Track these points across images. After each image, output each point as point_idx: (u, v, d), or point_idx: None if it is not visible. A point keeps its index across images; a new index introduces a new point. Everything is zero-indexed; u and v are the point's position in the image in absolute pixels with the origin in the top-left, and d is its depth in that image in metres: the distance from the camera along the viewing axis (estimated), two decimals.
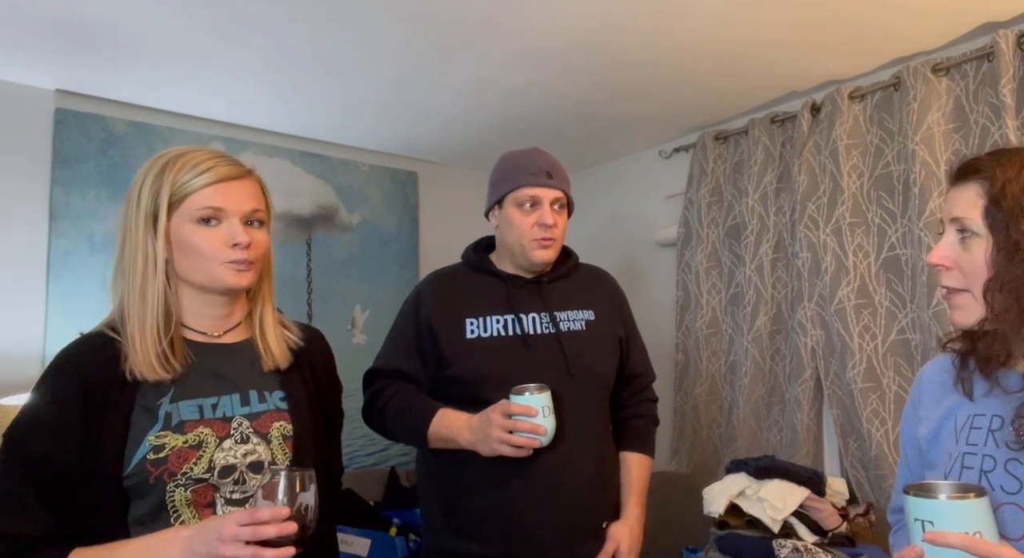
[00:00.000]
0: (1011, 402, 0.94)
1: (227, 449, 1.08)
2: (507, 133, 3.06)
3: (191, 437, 1.06)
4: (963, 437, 0.97)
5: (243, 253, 1.10)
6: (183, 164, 1.09)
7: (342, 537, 2.45)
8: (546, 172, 1.59)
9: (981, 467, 0.92)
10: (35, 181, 2.48)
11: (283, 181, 3.03)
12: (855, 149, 2.47)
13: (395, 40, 2.21)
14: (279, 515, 0.93)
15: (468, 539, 1.52)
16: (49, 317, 2.44)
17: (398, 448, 3.13)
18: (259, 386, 1.15)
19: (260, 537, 0.92)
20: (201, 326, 1.15)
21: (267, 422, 1.13)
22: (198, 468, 1.05)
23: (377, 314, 3.23)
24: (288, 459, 1.12)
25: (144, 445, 1.03)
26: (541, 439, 1.39)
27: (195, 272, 1.10)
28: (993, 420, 0.95)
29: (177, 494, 1.04)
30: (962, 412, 1.00)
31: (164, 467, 1.03)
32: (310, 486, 0.98)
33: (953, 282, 0.97)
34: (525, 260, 1.61)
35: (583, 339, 1.60)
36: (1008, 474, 0.90)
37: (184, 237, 1.08)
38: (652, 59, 2.37)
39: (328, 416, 1.29)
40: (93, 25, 2.06)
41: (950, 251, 0.97)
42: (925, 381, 1.11)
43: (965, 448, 0.96)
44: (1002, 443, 0.92)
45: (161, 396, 1.07)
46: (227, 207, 1.09)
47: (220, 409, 1.10)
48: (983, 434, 0.95)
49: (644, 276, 3.35)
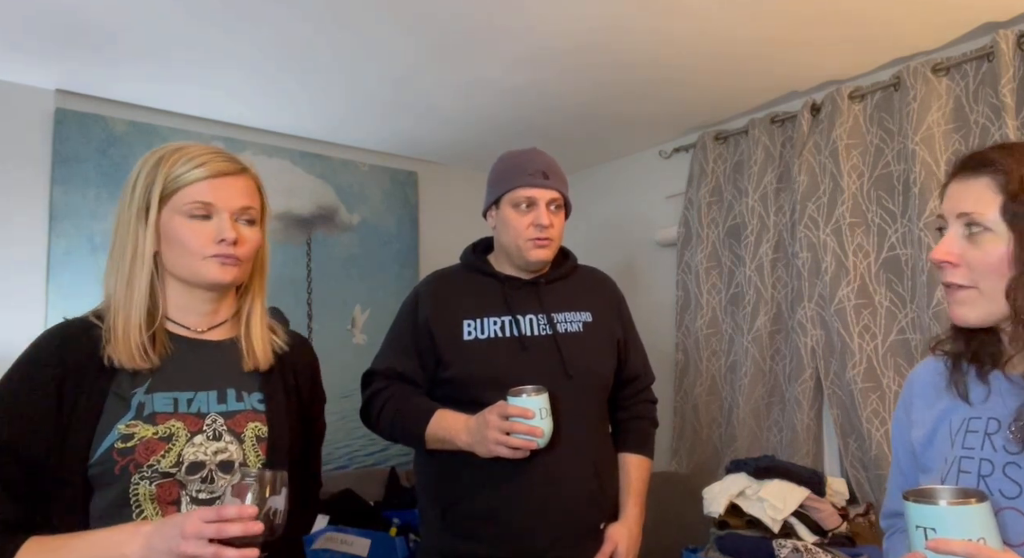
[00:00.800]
0: (1007, 404, 0.92)
1: (198, 445, 1.06)
2: (507, 133, 3.06)
3: (161, 429, 1.04)
4: (959, 441, 0.95)
5: (229, 248, 1.09)
6: (179, 157, 1.09)
7: (342, 537, 2.45)
8: (542, 173, 1.59)
9: (979, 471, 0.90)
10: (35, 181, 2.48)
11: (283, 181, 3.02)
12: (855, 149, 2.47)
13: (395, 40, 2.21)
14: (246, 514, 0.90)
15: (465, 540, 1.52)
16: (49, 317, 2.44)
17: (398, 448, 3.13)
18: (238, 385, 1.14)
19: (224, 535, 0.89)
20: (186, 321, 1.14)
21: (242, 422, 1.11)
22: (165, 461, 1.02)
23: (377, 314, 3.23)
24: (260, 461, 1.10)
25: (113, 433, 1.01)
26: (538, 441, 1.39)
27: (180, 265, 1.10)
28: (989, 423, 0.93)
29: (141, 487, 1.01)
30: (957, 415, 0.97)
31: (131, 457, 1.01)
32: (281, 489, 0.96)
33: (959, 278, 0.93)
34: (522, 260, 1.61)
35: (580, 341, 1.60)
36: (1007, 478, 0.88)
37: (173, 230, 1.08)
38: (652, 59, 2.37)
39: (309, 427, 1.26)
40: (93, 25, 2.06)
41: (956, 247, 0.93)
42: (916, 383, 1.09)
43: (961, 452, 0.93)
44: (999, 447, 0.90)
45: (137, 386, 1.06)
46: (218, 203, 1.09)
47: (195, 404, 1.09)
48: (979, 437, 0.92)
49: (644, 276, 3.35)
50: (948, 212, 0.95)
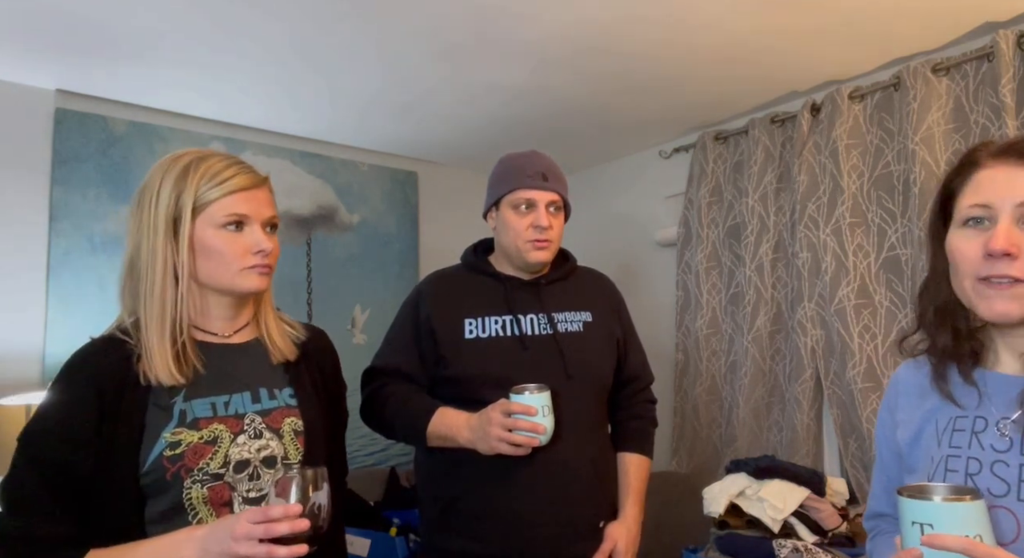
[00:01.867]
0: (994, 402, 0.92)
1: (241, 444, 1.09)
2: (507, 133, 3.06)
3: (206, 433, 1.07)
4: (945, 440, 0.94)
5: (265, 259, 1.13)
6: (206, 169, 1.10)
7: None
8: (542, 174, 1.60)
9: (966, 470, 0.90)
10: (35, 181, 2.48)
11: (283, 181, 3.02)
12: (855, 149, 2.47)
13: (396, 40, 2.21)
14: (291, 512, 0.93)
15: (465, 538, 1.52)
16: (49, 317, 2.44)
17: (398, 448, 3.13)
18: (269, 384, 1.18)
19: (272, 534, 0.92)
20: (211, 327, 1.17)
21: (278, 418, 1.15)
22: (214, 463, 1.06)
23: (377, 314, 3.23)
24: (300, 454, 1.14)
25: (160, 442, 1.04)
26: (540, 438, 1.39)
27: (216, 276, 1.12)
28: (976, 422, 0.92)
29: (194, 491, 1.05)
30: (943, 414, 0.96)
31: (181, 463, 1.04)
32: (322, 484, 0.99)
33: (1016, 271, 0.86)
34: (521, 261, 1.62)
35: (580, 340, 1.61)
36: (995, 476, 0.87)
37: (207, 242, 1.10)
38: (652, 59, 2.37)
39: (337, 415, 1.30)
40: (93, 25, 2.06)
41: (1018, 238, 0.86)
42: (900, 384, 1.07)
43: (948, 451, 0.92)
44: (987, 445, 0.89)
45: (174, 395, 1.09)
46: (251, 213, 1.12)
47: (232, 406, 1.12)
48: (966, 436, 0.92)
49: (644, 276, 3.35)
50: (999, 200, 0.88)
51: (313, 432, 1.17)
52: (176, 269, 1.09)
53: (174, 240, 1.09)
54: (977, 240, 0.89)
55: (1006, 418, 0.89)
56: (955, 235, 0.93)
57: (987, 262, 0.87)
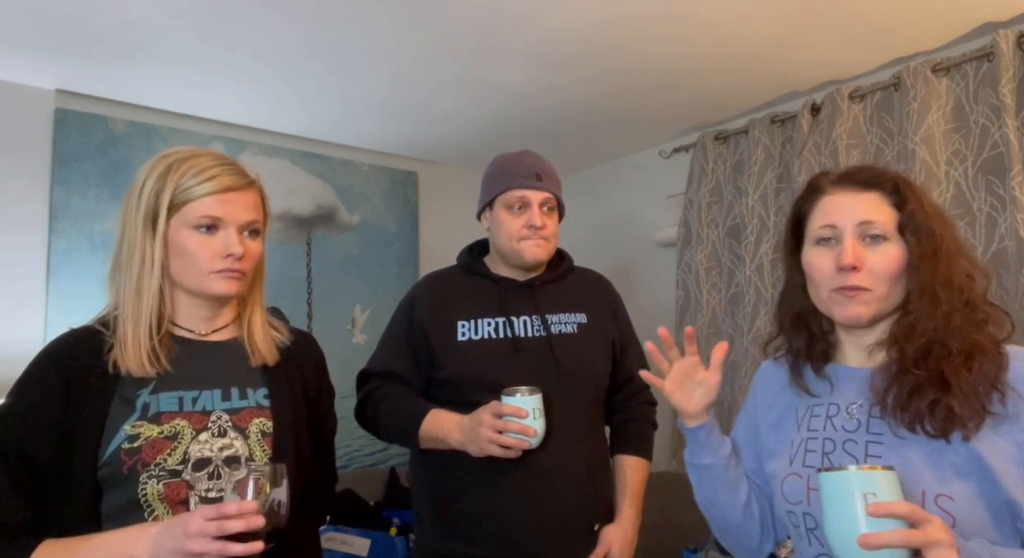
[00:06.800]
0: (843, 390, 1.05)
1: (203, 442, 1.08)
2: (507, 133, 3.05)
3: (167, 428, 1.06)
4: (804, 425, 1.08)
5: (235, 263, 1.11)
6: (188, 168, 1.10)
7: (342, 537, 2.45)
8: (535, 174, 1.60)
9: (823, 449, 1.02)
10: (35, 181, 2.48)
11: (283, 181, 3.03)
12: (855, 149, 2.47)
13: (395, 40, 2.21)
14: (246, 509, 0.92)
15: (458, 540, 1.52)
16: (49, 317, 2.44)
17: (398, 448, 3.13)
18: (242, 383, 1.16)
19: (226, 532, 0.91)
20: (190, 324, 1.16)
21: (247, 417, 1.13)
22: (172, 459, 1.05)
23: (377, 314, 3.23)
24: (267, 456, 1.12)
25: (120, 434, 1.04)
26: (531, 441, 1.39)
27: (186, 277, 1.12)
28: (830, 407, 1.06)
29: (150, 487, 1.03)
30: (802, 404, 1.11)
31: (138, 457, 1.03)
32: (282, 481, 0.98)
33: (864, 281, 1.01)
34: (517, 260, 1.61)
35: (574, 342, 1.60)
36: (846, 453, 0.99)
37: (180, 242, 1.09)
38: (652, 59, 2.37)
39: (319, 421, 1.28)
40: (93, 25, 2.06)
41: (862, 252, 1.00)
42: (761, 383, 1.23)
43: (807, 434, 1.06)
44: (839, 427, 1.02)
45: (142, 387, 1.08)
46: (226, 217, 1.10)
47: (200, 403, 1.11)
48: (821, 421, 1.05)
49: (644, 276, 3.35)
50: (844, 221, 1.01)
51: (282, 434, 1.14)
52: (154, 265, 1.09)
53: (152, 236, 1.09)
54: (829, 256, 1.02)
55: (854, 403, 1.03)
56: (810, 252, 1.06)
57: (840, 274, 1.00)
